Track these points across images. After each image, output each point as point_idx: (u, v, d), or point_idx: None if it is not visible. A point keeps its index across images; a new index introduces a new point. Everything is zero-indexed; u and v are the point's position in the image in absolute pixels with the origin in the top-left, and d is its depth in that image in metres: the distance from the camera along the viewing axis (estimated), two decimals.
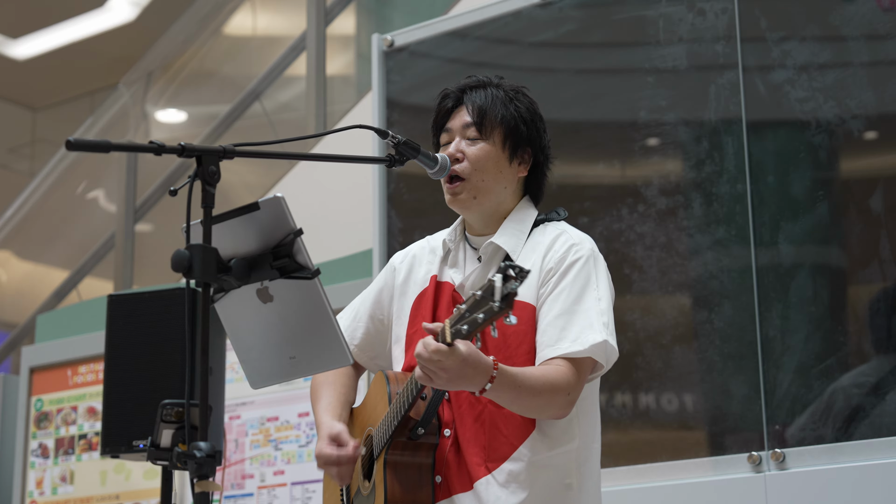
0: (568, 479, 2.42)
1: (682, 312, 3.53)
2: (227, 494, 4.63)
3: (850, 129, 3.34)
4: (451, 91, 2.59)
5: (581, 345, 2.37)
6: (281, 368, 2.27)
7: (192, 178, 2.07)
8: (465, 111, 2.55)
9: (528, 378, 2.31)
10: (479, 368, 2.22)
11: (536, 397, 2.32)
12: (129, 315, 3.44)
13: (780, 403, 3.29)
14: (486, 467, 2.39)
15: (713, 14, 3.58)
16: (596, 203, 3.70)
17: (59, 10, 10.08)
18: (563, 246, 2.48)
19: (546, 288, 2.45)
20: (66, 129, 9.99)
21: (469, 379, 2.22)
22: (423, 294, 2.59)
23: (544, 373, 2.34)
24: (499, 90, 2.57)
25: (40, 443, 5.20)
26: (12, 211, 8.02)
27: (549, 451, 2.41)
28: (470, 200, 2.52)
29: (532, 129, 2.57)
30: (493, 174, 2.52)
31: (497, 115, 2.53)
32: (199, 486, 1.95)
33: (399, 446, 2.42)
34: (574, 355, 2.37)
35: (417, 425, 2.41)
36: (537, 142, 2.58)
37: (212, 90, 7.50)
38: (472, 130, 2.53)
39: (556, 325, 2.39)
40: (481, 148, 2.52)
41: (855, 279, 3.32)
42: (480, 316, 2.09)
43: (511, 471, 2.39)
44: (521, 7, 3.95)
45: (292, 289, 2.18)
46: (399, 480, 2.40)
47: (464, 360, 2.19)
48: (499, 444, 2.40)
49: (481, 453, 2.40)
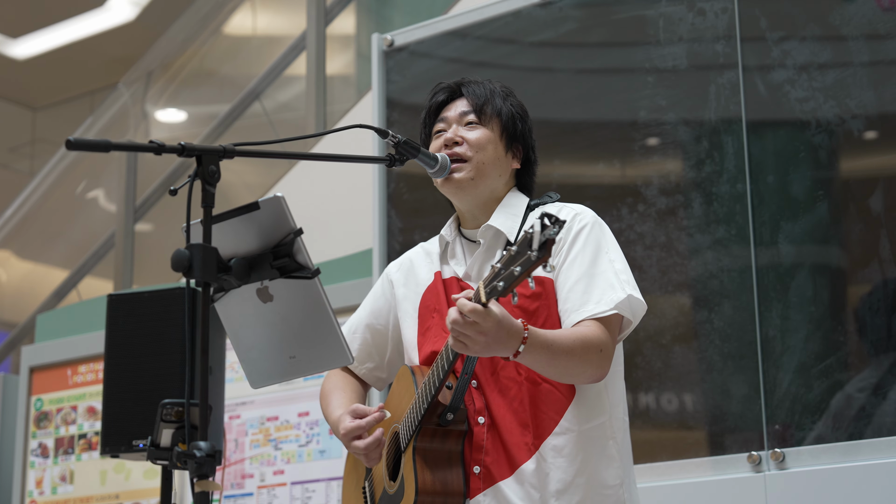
0: (609, 451, 2.44)
1: (682, 312, 3.53)
2: (227, 494, 4.63)
3: (850, 129, 3.34)
4: (447, 84, 2.64)
5: (606, 304, 2.39)
6: (281, 368, 2.27)
7: (192, 178, 2.07)
8: (463, 101, 2.60)
9: (559, 337, 2.32)
10: (513, 331, 2.22)
11: (570, 356, 2.32)
12: (128, 315, 3.44)
13: (780, 403, 3.29)
14: (532, 446, 2.40)
15: (713, 14, 3.58)
16: (596, 203, 3.69)
17: (58, 9, 10.08)
18: (568, 216, 2.51)
19: (559, 258, 2.46)
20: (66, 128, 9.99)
21: (503, 342, 2.21)
22: (427, 291, 2.60)
23: (574, 331, 2.35)
24: (494, 86, 2.63)
25: (40, 442, 5.20)
26: (12, 210, 8.02)
27: (588, 422, 2.42)
28: (468, 181, 2.54)
29: (524, 126, 2.63)
30: (493, 158, 2.56)
31: (496, 106, 2.59)
32: (199, 485, 1.95)
33: (428, 433, 2.41)
34: (601, 315, 2.39)
35: (447, 410, 2.41)
36: (528, 140, 2.64)
37: (212, 90, 7.50)
38: (471, 117, 2.57)
39: (577, 290, 2.41)
40: (481, 132, 2.56)
41: (855, 279, 3.32)
42: (517, 269, 2.08)
43: (555, 445, 2.40)
44: (520, 7, 3.95)
45: (292, 288, 2.18)
46: (430, 468, 2.40)
47: (499, 322, 2.18)
48: (540, 421, 2.41)
49: (525, 432, 2.40)
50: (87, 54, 10.52)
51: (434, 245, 2.67)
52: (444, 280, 2.59)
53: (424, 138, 2.64)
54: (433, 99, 2.64)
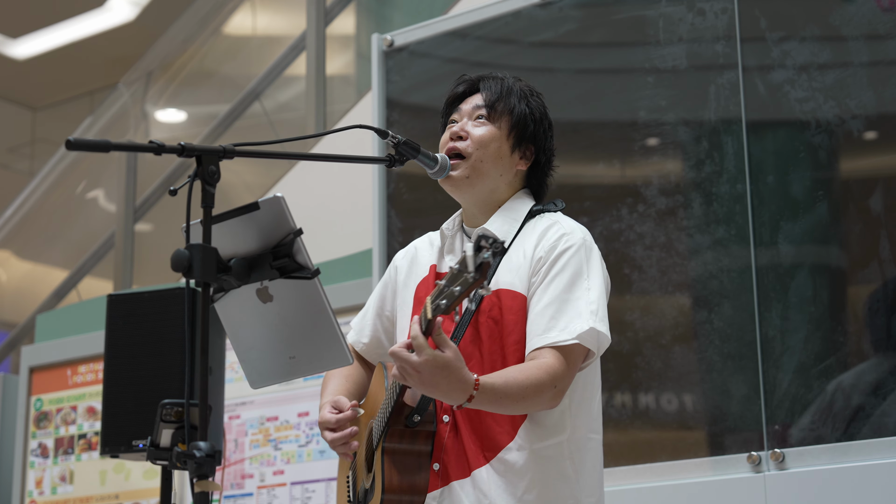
0: (564, 470, 2.42)
1: (681, 312, 3.53)
2: (227, 494, 4.63)
3: (850, 129, 3.34)
4: (469, 77, 2.63)
5: (569, 334, 2.36)
6: (281, 368, 2.27)
7: (192, 178, 2.07)
8: (478, 95, 2.59)
9: (510, 387, 2.29)
10: (457, 383, 2.21)
11: (519, 402, 2.32)
12: (128, 315, 3.44)
13: (780, 403, 3.29)
14: (485, 456, 2.40)
15: (713, 14, 3.58)
16: (596, 203, 3.70)
17: (59, 9, 10.08)
18: (554, 235, 2.48)
19: (537, 277, 2.44)
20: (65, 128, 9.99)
21: (442, 389, 2.21)
22: (422, 282, 2.61)
23: (528, 376, 2.32)
24: (515, 85, 2.61)
25: (40, 442, 5.20)
26: (12, 210, 8.02)
27: (542, 441, 2.41)
28: (462, 179, 2.53)
29: (539, 128, 2.59)
30: (493, 157, 2.54)
31: (509, 104, 2.56)
32: (199, 485, 1.95)
33: (396, 434, 2.42)
34: (561, 344, 2.36)
35: (413, 412, 2.41)
36: (542, 142, 2.60)
37: (211, 90, 7.50)
38: (482, 112, 2.56)
39: (546, 315, 2.39)
40: (486, 130, 2.55)
41: (854, 279, 3.32)
42: (457, 289, 2.09)
43: (507, 460, 2.39)
44: (520, 7, 3.96)
45: (292, 289, 2.18)
46: (397, 468, 2.40)
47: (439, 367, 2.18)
48: (494, 434, 2.41)
49: (480, 441, 2.41)
50: (87, 54, 10.52)
51: (438, 236, 2.67)
52: (437, 273, 2.59)
53: (441, 128, 2.65)
54: (453, 90, 2.64)
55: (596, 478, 2.48)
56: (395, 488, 2.39)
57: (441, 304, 2.12)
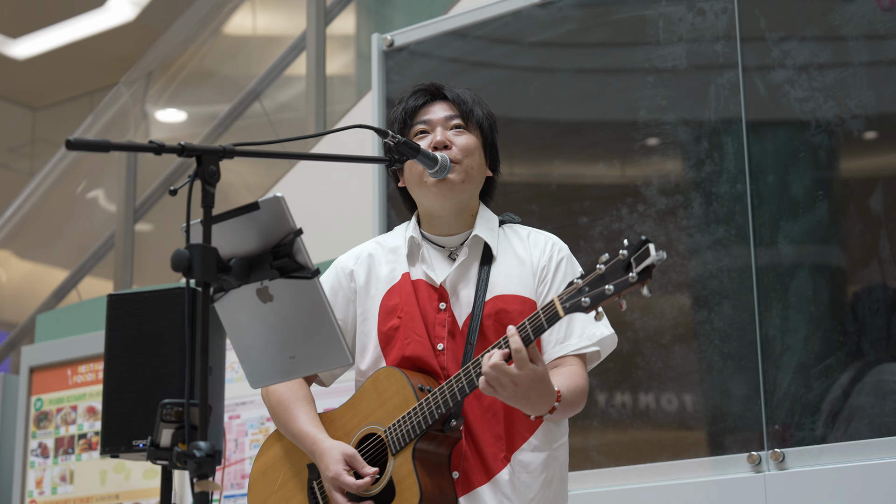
0: (563, 471, 2.53)
1: (681, 312, 3.53)
2: (227, 494, 4.63)
3: (850, 129, 3.34)
4: (427, 86, 2.65)
5: (589, 339, 2.48)
6: (281, 368, 2.27)
7: (192, 178, 2.07)
8: (445, 105, 2.62)
9: (573, 395, 2.40)
10: (547, 395, 2.29)
11: (574, 409, 2.43)
12: (128, 315, 3.44)
13: (780, 403, 3.29)
14: (505, 458, 2.45)
15: (713, 14, 3.58)
16: (596, 203, 3.70)
17: (59, 9, 10.08)
18: (547, 245, 2.58)
19: (544, 286, 2.53)
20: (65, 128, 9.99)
21: (532, 401, 2.27)
22: (392, 291, 2.58)
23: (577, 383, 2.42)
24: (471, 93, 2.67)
25: (40, 442, 5.20)
26: (12, 210, 8.02)
27: (554, 443, 2.49)
28: (459, 183, 2.55)
29: (496, 135, 2.68)
30: (478, 164, 2.60)
31: (477, 113, 2.62)
32: (199, 485, 1.95)
33: (428, 438, 2.44)
34: (584, 350, 2.48)
35: (451, 417, 2.44)
36: (496, 149, 2.68)
37: (212, 90, 7.50)
38: (457, 121, 2.60)
39: (561, 323, 2.45)
40: (469, 138, 2.59)
41: (854, 279, 3.32)
42: (609, 288, 2.13)
43: (523, 461, 2.45)
44: (520, 7, 3.96)
45: (292, 288, 2.17)
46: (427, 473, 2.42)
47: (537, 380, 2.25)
48: (512, 434, 2.46)
49: (498, 444, 2.45)
50: (87, 54, 10.52)
51: (394, 241, 2.66)
52: (413, 281, 2.58)
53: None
54: (411, 101, 2.63)
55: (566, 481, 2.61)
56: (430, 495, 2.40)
57: (583, 301, 2.17)
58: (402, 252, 2.62)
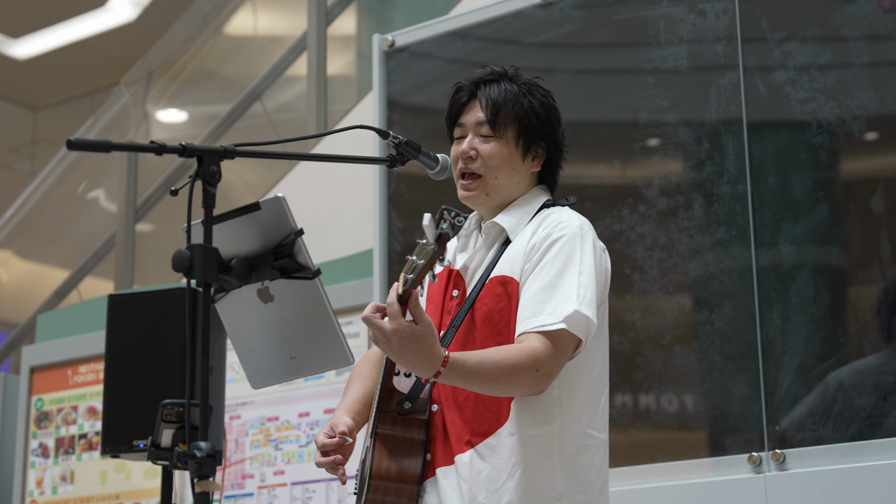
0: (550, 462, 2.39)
1: (682, 313, 3.53)
2: (228, 494, 4.63)
3: (851, 130, 3.34)
4: (465, 84, 2.58)
5: (556, 317, 2.33)
6: (281, 368, 2.27)
7: (193, 178, 2.07)
8: (479, 107, 2.54)
9: (483, 366, 2.27)
10: (426, 357, 2.20)
11: (494, 383, 2.29)
12: (129, 315, 3.44)
13: (781, 404, 3.29)
14: (470, 442, 2.39)
15: (714, 14, 3.58)
16: (596, 203, 3.70)
17: (59, 9, 10.08)
18: (551, 224, 2.47)
19: (529, 264, 2.43)
20: (66, 128, 9.99)
21: (408, 360, 2.21)
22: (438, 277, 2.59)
23: (505, 356, 2.30)
24: (512, 84, 2.55)
25: (40, 442, 5.20)
26: (13, 211, 8.02)
27: (530, 428, 2.38)
28: (482, 197, 2.54)
29: (546, 123, 2.55)
30: (507, 172, 2.53)
31: (510, 112, 2.52)
32: (200, 485, 1.95)
33: (388, 420, 2.43)
34: (548, 328, 2.33)
35: (404, 399, 2.43)
36: (551, 136, 2.57)
37: (212, 90, 7.50)
38: (486, 128, 2.52)
39: (536, 300, 2.37)
40: (494, 146, 2.52)
41: (855, 280, 3.32)
42: (421, 262, 2.12)
43: (494, 445, 2.38)
44: (521, 7, 3.96)
45: (293, 289, 2.18)
46: (389, 452, 2.41)
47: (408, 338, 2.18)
48: (483, 419, 2.40)
49: (465, 428, 2.41)
50: (88, 54, 10.52)
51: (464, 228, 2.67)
52: (448, 270, 2.58)
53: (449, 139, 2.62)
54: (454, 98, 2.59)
55: (592, 476, 2.43)
56: (383, 474, 2.39)
57: (409, 277, 2.15)
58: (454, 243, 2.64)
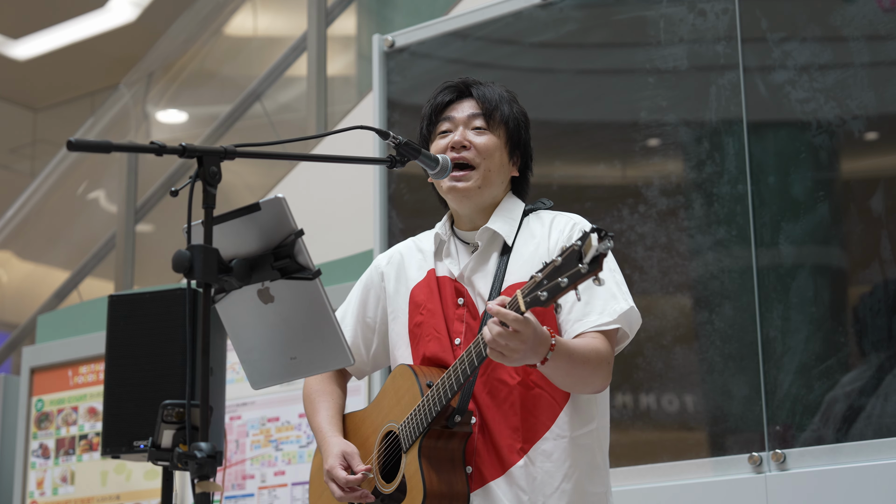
0: (595, 459, 2.46)
1: (682, 313, 3.53)
2: (228, 495, 4.63)
3: (851, 130, 3.34)
4: (455, 83, 2.63)
5: (609, 315, 2.41)
6: (282, 369, 2.27)
7: (193, 179, 2.07)
8: (471, 103, 2.59)
9: (578, 346, 2.34)
10: (543, 339, 2.23)
11: (587, 365, 2.34)
12: (129, 315, 3.44)
13: (781, 404, 3.29)
14: (521, 449, 2.41)
15: (714, 14, 3.58)
16: (596, 203, 3.70)
17: (59, 10, 10.08)
18: (567, 225, 2.53)
19: None
20: (66, 129, 9.99)
21: (535, 350, 2.22)
22: (418, 287, 2.60)
23: (588, 342, 2.37)
24: (501, 91, 2.63)
25: (41, 443, 5.20)
26: (13, 211, 8.03)
27: (578, 430, 2.44)
28: (475, 189, 2.55)
29: (526, 134, 2.64)
30: (498, 166, 2.57)
31: (504, 112, 2.59)
32: (200, 486, 1.95)
33: (435, 435, 2.42)
34: (604, 327, 2.41)
35: (455, 412, 2.42)
36: (527, 148, 2.65)
37: (213, 91, 7.51)
38: (480, 120, 2.57)
39: (582, 301, 2.40)
40: (489, 139, 2.57)
41: (856, 280, 3.32)
42: (564, 281, 2.09)
43: (545, 450, 2.42)
44: (521, 7, 3.96)
45: (293, 289, 2.18)
46: (435, 470, 2.40)
47: (535, 331, 2.20)
48: (531, 425, 2.42)
49: (514, 435, 2.42)
50: (88, 55, 10.52)
51: (426, 242, 2.67)
52: (437, 278, 2.58)
53: (425, 135, 2.64)
54: (439, 97, 2.63)
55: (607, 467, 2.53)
56: (436, 491, 2.39)
57: (541, 295, 2.12)
58: (431, 250, 2.63)
